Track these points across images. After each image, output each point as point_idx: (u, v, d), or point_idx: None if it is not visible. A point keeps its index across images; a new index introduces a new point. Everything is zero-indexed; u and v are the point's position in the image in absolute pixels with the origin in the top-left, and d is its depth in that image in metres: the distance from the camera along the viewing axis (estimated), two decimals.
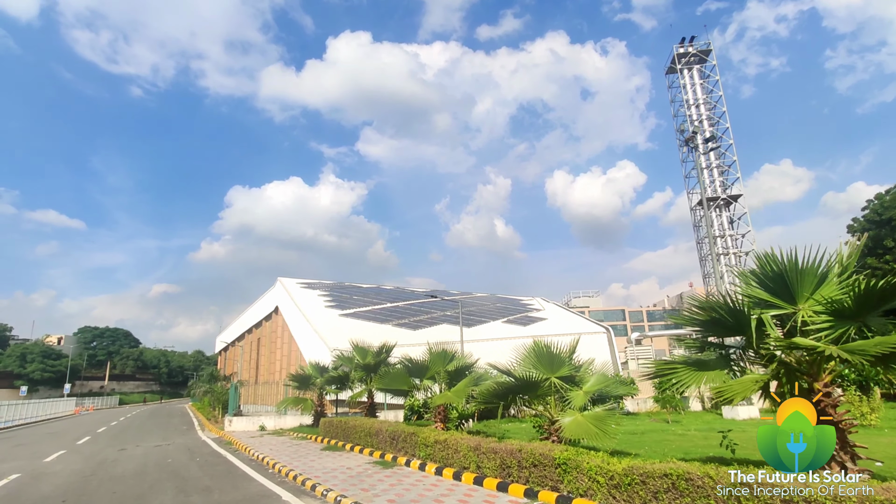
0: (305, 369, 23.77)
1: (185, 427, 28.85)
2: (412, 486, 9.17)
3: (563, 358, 9.27)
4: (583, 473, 7.00)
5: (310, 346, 36.28)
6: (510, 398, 9.36)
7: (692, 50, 51.11)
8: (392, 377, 13.99)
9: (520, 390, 9.20)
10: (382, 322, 40.66)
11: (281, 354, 47.54)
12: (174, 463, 14.36)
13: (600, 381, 9.24)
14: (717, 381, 6.27)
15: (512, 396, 9.35)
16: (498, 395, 9.32)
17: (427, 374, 13.45)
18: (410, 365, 13.73)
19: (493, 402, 9.48)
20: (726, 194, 47.16)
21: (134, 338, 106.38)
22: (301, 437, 19.05)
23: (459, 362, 13.30)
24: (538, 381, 8.96)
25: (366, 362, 17.65)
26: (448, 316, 46.82)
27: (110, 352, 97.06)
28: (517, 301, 62.60)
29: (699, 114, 49.39)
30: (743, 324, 6.01)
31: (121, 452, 17.38)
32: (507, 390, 9.28)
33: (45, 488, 11.02)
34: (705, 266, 49.86)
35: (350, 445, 14.37)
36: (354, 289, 59.14)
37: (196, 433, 24.38)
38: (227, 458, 15.04)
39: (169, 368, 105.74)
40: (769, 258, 6.46)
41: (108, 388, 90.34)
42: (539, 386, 8.98)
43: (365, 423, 14.00)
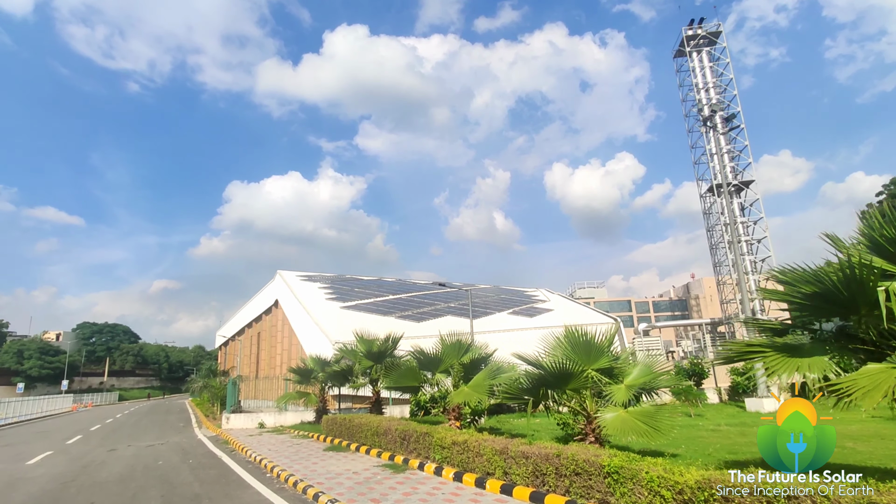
0: (306, 363, 22.61)
1: (181, 424, 27.75)
2: (429, 494, 7.99)
3: (602, 347, 8.05)
4: (641, 485, 5.79)
5: (311, 340, 35.16)
6: (542, 392, 8.15)
7: (701, 32, 49.45)
8: (402, 373, 12.72)
9: (552, 383, 7.98)
10: (385, 314, 39.49)
11: (281, 348, 46.47)
12: (164, 466, 13.21)
13: (645, 374, 8.02)
14: (818, 370, 5.04)
15: (543, 391, 8.14)
16: (527, 389, 8.13)
17: (440, 368, 12.21)
18: (422, 357, 12.45)
19: (520, 398, 8.28)
20: (738, 180, 45.78)
21: (133, 333, 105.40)
22: (302, 435, 17.90)
23: (475, 353, 12.08)
24: (574, 372, 7.73)
25: (372, 352, 16.43)
26: (452, 308, 45.67)
27: (110, 348, 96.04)
28: (521, 292, 61.43)
29: (709, 97, 47.80)
30: (861, 298, 4.76)
31: (110, 453, 16.25)
32: (537, 383, 8.07)
33: (16, 498, 9.87)
34: (716, 254, 48.57)
35: (355, 445, 13.20)
36: (355, 281, 57.96)
37: (193, 431, 23.27)
38: (222, 459, 13.89)
39: (169, 364, 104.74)
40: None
41: (108, 385, 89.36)
42: (574, 378, 7.77)
43: (372, 420, 12.81)
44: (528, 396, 8.15)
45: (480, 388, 10.81)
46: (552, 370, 7.75)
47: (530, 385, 8.12)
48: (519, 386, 8.22)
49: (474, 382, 11.14)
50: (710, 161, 46.79)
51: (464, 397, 11.15)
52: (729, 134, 45.23)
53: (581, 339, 8.01)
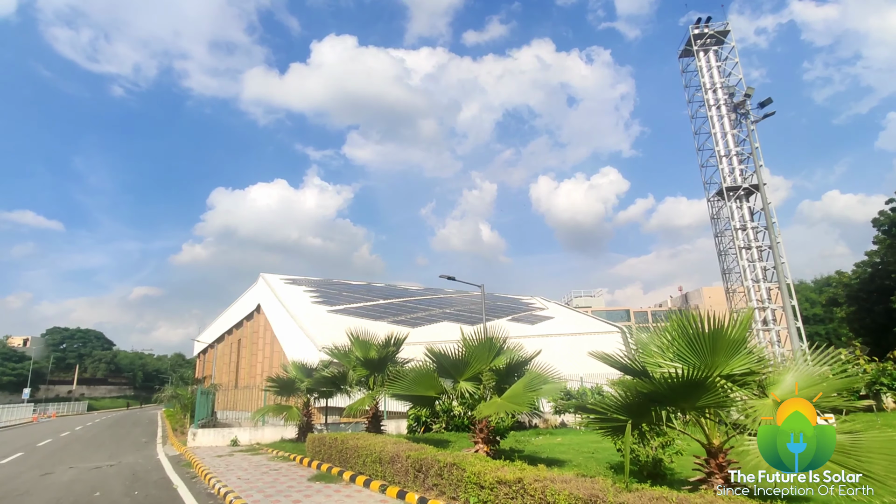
0: (288, 370, 19.58)
1: (144, 440, 24.40)
2: None
3: (737, 341, 5.32)
4: None
5: (295, 346, 32.04)
6: (645, 412, 5.39)
7: (708, 31, 47.76)
8: (415, 379, 9.66)
9: (665, 399, 5.23)
10: (376, 319, 36.45)
11: (263, 356, 43.15)
12: (100, 500, 10.17)
13: (811, 382, 5.27)
14: None
15: (654, 410, 5.39)
16: (628, 407, 5.35)
17: (466, 374, 9.31)
18: (443, 360, 9.46)
19: (612, 419, 5.51)
20: (748, 183, 43.74)
21: (107, 340, 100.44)
22: (282, 456, 14.86)
23: (511, 356, 9.28)
24: (701, 381, 4.97)
25: (368, 357, 13.54)
26: (448, 313, 42.84)
27: (81, 354, 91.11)
28: (517, 300, 58.82)
29: (716, 98, 46.03)
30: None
31: (42, 479, 13.10)
32: (642, 399, 5.29)
33: None
34: (724, 261, 46.38)
35: (350, 474, 10.25)
36: (343, 285, 54.88)
37: (155, 448, 20.02)
38: (177, 491, 10.85)
39: (145, 372, 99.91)
40: None
41: (77, 393, 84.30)
42: (701, 391, 5.00)
43: (371, 443, 9.87)
44: (624, 417, 5.36)
45: (519, 401, 8.04)
46: (668, 381, 4.95)
47: (631, 400, 5.34)
48: (612, 402, 5.43)
49: (512, 393, 8.35)
50: (720, 163, 44.84)
51: (496, 409, 8.31)
52: (737, 136, 43.40)
53: (705, 333, 5.25)
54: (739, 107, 23.18)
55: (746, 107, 23.16)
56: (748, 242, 43.39)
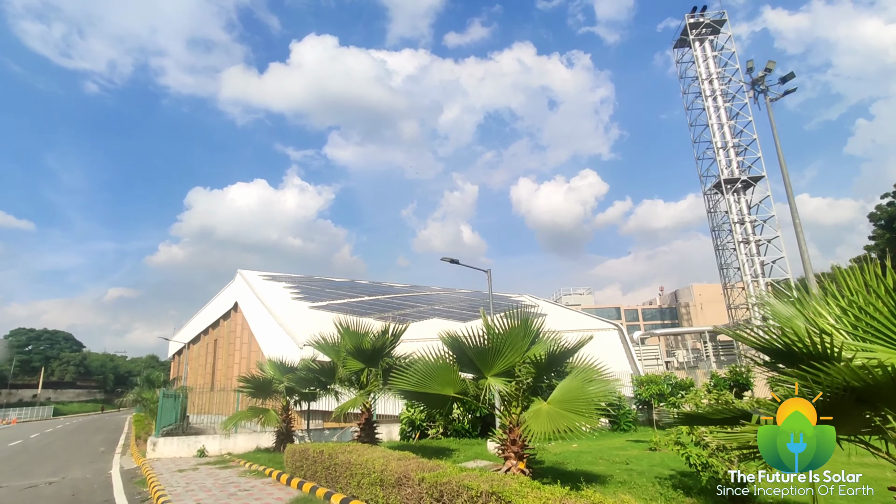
0: (264, 368, 17.30)
1: (103, 449, 21.78)
2: None
3: None
4: None
5: (274, 344, 29.55)
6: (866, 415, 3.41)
7: (704, 20, 46.54)
8: (427, 373, 7.35)
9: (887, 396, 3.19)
10: (362, 315, 33.95)
11: (240, 356, 40.43)
12: None
13: None
14: None
15: (869, 413, 3.43)
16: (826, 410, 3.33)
17: (496, 367, 7.06)
18: (465, 348, 6.98)
19: None
20: (746, 175, 42.53)
21: (77, 341, 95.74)
22: (255, 471, 12.56)
23: (551, 346, 7.16)
24: None
25: (362, 347, 11.31)
26: (437, 310, 40.71)
27: (48, 357, 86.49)
28: (507, 297, 56.89)
29: (713, 89, 44.83)
30: None
31: None
32: (850, 396, 3.29)
33: None
34: (722, 256, 45.10)
35: (341, 498, 8.06)
36: (325, 282, 52.37)
37: (111, 460, 17.50)
38: None
39: (116, 375, 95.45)
40: None
41: (43, 398, 79.80)
42: None
43: (369, 458, 7.70)
44: None
45: (576, 406, 5.93)
46: None
47: (830, 401, 3.32)
48: None
49: (562, 396, 6.23)
50: (717, 155, 43.58)
51: (550, 423, 6.01)
52: (734, 127, 42.17)
53: None
54: (758, 83, 21.50)
55: (765, 84, 21.52)
56: (746, 236, 42.17)
